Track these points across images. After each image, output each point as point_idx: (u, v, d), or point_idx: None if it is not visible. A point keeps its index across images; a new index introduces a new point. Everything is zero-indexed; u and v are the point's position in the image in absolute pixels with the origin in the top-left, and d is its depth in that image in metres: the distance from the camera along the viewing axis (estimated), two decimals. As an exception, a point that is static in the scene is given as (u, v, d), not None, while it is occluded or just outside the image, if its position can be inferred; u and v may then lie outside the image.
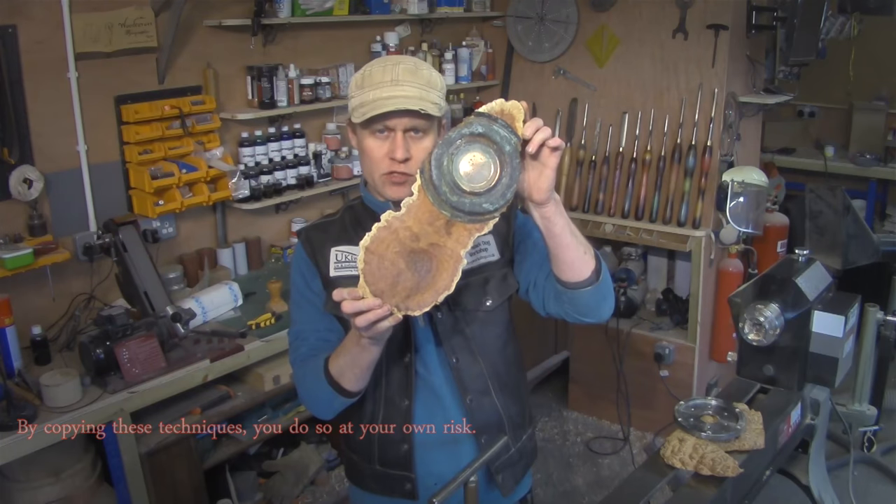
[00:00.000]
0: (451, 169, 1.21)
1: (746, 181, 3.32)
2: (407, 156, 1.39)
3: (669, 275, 3.92)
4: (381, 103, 1.37)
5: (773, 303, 1.92)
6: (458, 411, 1.52)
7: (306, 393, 1.50)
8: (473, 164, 1.22)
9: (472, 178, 1.22)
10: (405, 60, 1.42)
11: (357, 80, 1.43)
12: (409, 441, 1.52)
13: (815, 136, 5.08)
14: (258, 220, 3.23)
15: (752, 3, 3.26)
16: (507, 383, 1.58)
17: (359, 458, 1.59)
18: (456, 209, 1.22)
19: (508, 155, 1.22)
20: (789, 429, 1.89)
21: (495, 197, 1.22)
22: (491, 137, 1.22)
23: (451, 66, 3.74)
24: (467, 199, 1.22)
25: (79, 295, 2.63)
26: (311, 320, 1.52)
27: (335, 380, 1.40)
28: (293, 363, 1.54)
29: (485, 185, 1.22)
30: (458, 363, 1.50)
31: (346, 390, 1.41)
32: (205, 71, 2.94)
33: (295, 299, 1.56)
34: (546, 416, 3.93)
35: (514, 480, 1.62)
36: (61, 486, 2.27)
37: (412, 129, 1.40)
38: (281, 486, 2.87)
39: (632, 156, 3.61)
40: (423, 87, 1.39)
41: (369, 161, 1.43)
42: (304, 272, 1.53)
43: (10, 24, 2.41)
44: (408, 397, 1.50)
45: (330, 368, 1.41)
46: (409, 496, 1.55)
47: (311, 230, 1.56)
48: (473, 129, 1.22)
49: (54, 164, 2.58)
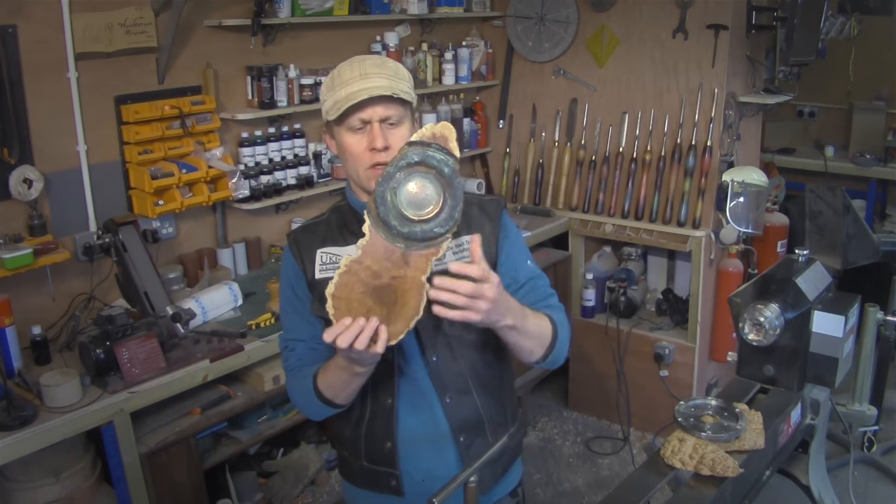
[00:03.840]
0: (396, 202, 1.25)
1: (746, 181, 3.32)
2: (386, 144, 1.42)
3: (669, 275, 3.92)
4: (354, 95, 1.40)
5: (773, 303, 1.92)
6: (435, 411, 1.53)
7: (297, 400, 1.56)
8: (416, 193, 1.25)
9: (418, 206, 1.25)
10: (371, 57, 1.47)
11: (327, 83, 1.47)
12: (393, 439, 1.53)
13: (815, 136, 5.09)
14: (258, 220, 3.23)
15: (752, 3, 3.26)
16: (487, 383, 1.58)
17: (348, 454, 1.63)
18: (409, 239, 1.26)
19: (448, 177, 1.25)
20: (789, 429, 1.89)
21: (443, 219, 1.26)
22: (428, 163, 1.25)
23: (451, 66, 3.74)
24: (418, 228, 1.26)
25: (79, 295, 2.63)
26: (298, 329, 1.56)
27: (324, 396, 1.46)
28: (285, 371, 1.60)
29: (432, 211, 1.25)
30: (437, 361, 1.51)
31: (336, 404, 1.48)
32: (205, 71, 2.94)
33: (283, 306, 1.60)
34: (546, 416, 3.93)
35: (493, 479, 1.61)
36: (61, 486, 2.27)
37: (387, 120, 1.43)
38: (281, 486, 2.87)
39: (632, 156, 3.61)
40: (391, 78, 1.43)
41: (351, 158, 1.46)
42: (291, 277, 1.55)
43: (10, 24, 2.41)
44: (391, 395, 1.52)
45: (319, 386, 1.46)
46: (394, 492, 1.57)
47: (300, 232, 1.58)
48: (409, 158, 1.26)
49: (54, 164, 2.58)
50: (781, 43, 3.27)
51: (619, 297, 3.70)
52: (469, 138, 3.96)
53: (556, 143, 3.85)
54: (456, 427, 1.53)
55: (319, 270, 1.51)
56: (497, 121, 4.06)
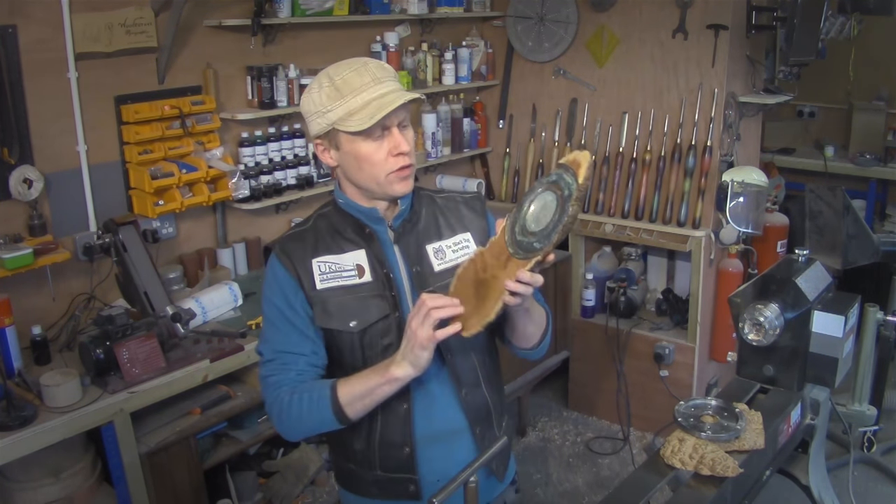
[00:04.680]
0: (525, 212, 1.34)
1: (746, 181, 3.32)
2: (409, 147, 1.44)
3: (669, 275, 3.92)
4: (380, 103, 1.38)
5: (773, 303, 1.92)
6: (453, 407, 1.54)
7: (289, 415, 1.45)
8: (540, 208, 1.33)
9: (537, 221, 1.32)
10: (367, 60, 1.45)
11: (328, 92, 1.40)
12: (411, 444, 1.52)
13: (815, 136, 5.09)
14: (258, 220, 3.23)
15: (752, 3, 3.26)
16: (491, 375, 1.61)
17: (357, 466, 1.57)
18: (518, 247, 1.34)
19: (565, 199, 1.30)
20: (789, 429, 1.89)
21: (543, 236, 1.31)
22: (559, 184, 1.31)
23: (451, 66, 3.74)
24: (526, 239, 1.33)
25: (79, 295, 2.63)
26: (294, 343, 1.49)
27: (341, 407, 1.40)
28: (273, 385, 1.48)
29: (543, 227, 1.31)
30: (452, 359, 1.52)
31: (347, 418, 1.42)
32: (205, 71, 2.94)
33: (270, 318, 1.51)
34: (546, 416, 3.93)
35: (504, 466, 1.66)
36: (61, 486, 2.27)
37: (401, 123, 1.44)
38: (281, 486, 2.87)
39: (632, 156, 3.61)
40: (396, 80, 1.45)
41: (369, 166, 1.43)
42: (285, 290, 1.48)
43: (10, 24, 2.41)
44: (406, 401, 1.50)
45: (340, 396, 1.40)
46: (413, 497, 1.55)
47: (287, 242, 1.51)
48: (551, 178, 1.34)
49: (54, 164, 2.58)
50: (781, 43, 3.27)
51: (619, 297, 3.70)
52: (469, 138, 3.96)
53: (556, 143, 3.85)
54: (472, 419, 1.55)
55: (320, 280, 1.47)
56: (497, 121, 4.06)
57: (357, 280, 1.49)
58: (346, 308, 1.47)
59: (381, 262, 1.50)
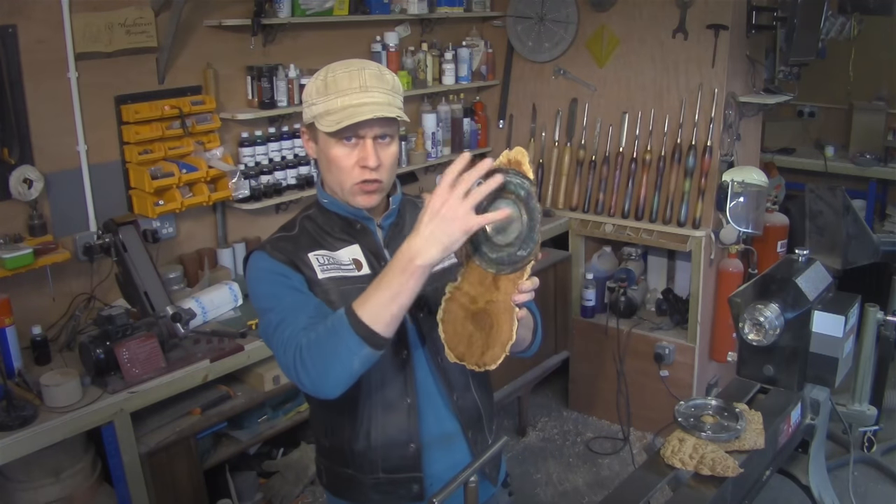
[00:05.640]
0: (484, 232, 1.29)
1: (746, 181, 3.32)
2: (379, 162, 1.40)
3: (669, 275, 3.92)
4: (354, 111, 1.36)
5: (773, 303, 1.92)
6: (447, 409, 1.53)
7: (317, 359, 1.28)
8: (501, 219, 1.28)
9: (504, 232, 1.29)
10: (368, 65, 1.42)
11: (318, 86, 1.40)
12: (417, 441, 1.50)
13: (815, 136, 5.08)
14: (258, 220, 3.23)
15: (752, 3, 3.26)
16: (480, 379, 1.60)
17: (355, 471, 1.53)
18: (499, 264, 1.30)
19: (525, 199, 1.27)
20: (789, 429, 1.89)
21: (525, 241, 1.28)
22: (508, 189, 1.28)
23: (451, 66, 3.74)
24: (504, 253, 1.29)
25: (79, 295, 2.63)
26: (302, 303, 1.38)
27: (366, 325, 1.24)
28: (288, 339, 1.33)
29: (516, 234, 1.28)
30: (443, 362, 1.50)
31: (378, 336, 1.25)
32: (205, 71, 2.94)
33: (270, 295, 1.40)
34: (546, 416, 3.93)
35: (496, 469, 1.66)
36: (61, 486, 2.27)
37: (380, 136, 1.40)
38: (281, 486, 2.87)
39: (632, 156, 3.62)
40: (389, 93, 1.40)
41: (337, 170, 1.42)
42: (281, 272, 1.41)
43: (10, 24, 2.41)
44: (409, 395, 1.49)
45: (360, 314, 1.25)
46: (416, 498, 1.52)
47: (277, 242, 1.47)
48: (491, 189, 1.27)
49: (54, 164, 2.58)
50: (781, 43, 3.27)
51: (619, 297, 3.70)
52: (469, 138, 3.96)
53: (556, 143, 3.85)
54: (465, 424, 1.55)
55: (321, 271, 1.44)
56: (497, 121, 4.06)
57: (357, 273, 1.47)
58: (351, 298, 1.36)
59: (377, 254, 1.49)
